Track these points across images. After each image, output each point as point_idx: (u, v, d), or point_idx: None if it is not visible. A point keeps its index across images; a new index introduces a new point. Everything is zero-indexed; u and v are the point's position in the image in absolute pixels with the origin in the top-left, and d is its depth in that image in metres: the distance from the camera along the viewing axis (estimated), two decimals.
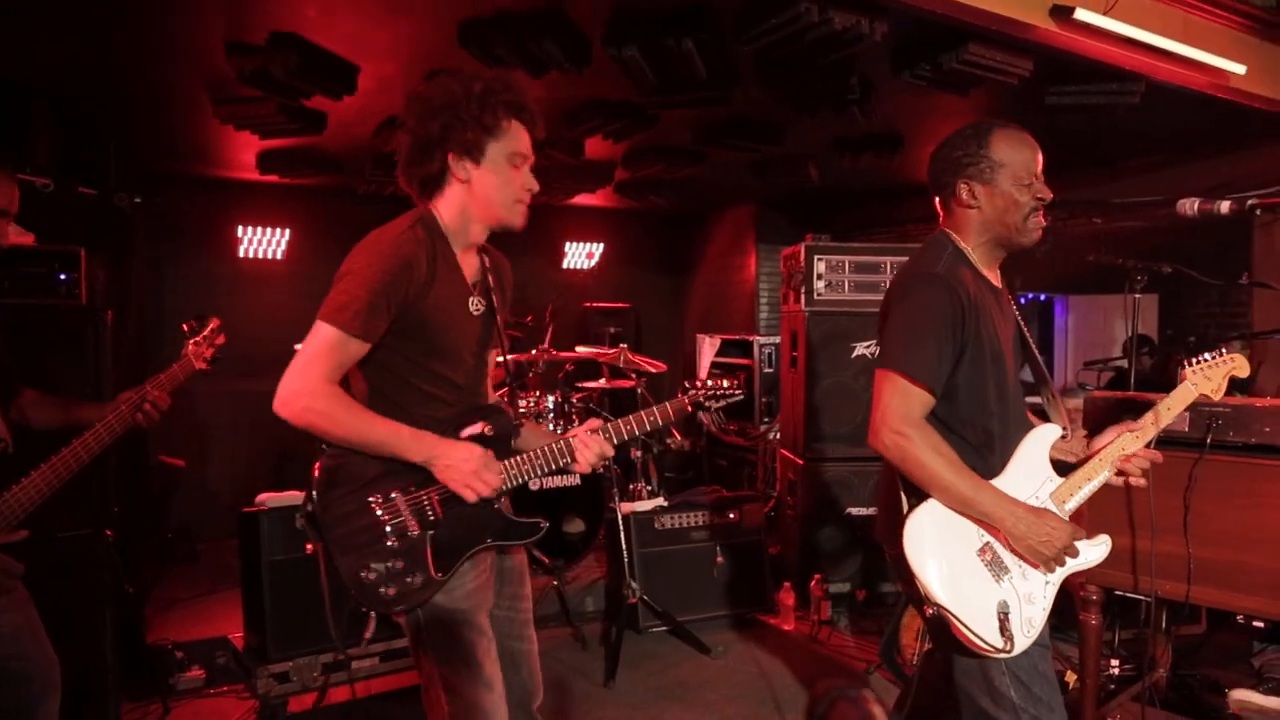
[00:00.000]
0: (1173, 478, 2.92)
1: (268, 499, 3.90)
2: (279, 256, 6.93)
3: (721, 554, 4.88)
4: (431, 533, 2.01)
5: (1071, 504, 2.15)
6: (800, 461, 5.12)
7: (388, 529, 1.98)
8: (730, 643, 4.57)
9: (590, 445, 2.14)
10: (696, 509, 4.91)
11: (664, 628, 4.59)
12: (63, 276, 3.34)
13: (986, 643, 1.98)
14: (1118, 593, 3.23)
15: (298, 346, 6.02)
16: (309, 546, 2.00)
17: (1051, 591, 2.10)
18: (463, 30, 3.52)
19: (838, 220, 7.90)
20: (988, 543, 2.05)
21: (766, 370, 7.02)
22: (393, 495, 1.99)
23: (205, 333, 2.75)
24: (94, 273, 3.45)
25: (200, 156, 5.89)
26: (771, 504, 5.96)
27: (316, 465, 2.00)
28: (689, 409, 2.28)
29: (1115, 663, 3.87)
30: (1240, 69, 4.25)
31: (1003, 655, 1.99)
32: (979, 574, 2.03)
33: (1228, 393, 2.32)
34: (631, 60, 3.61)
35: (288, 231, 6.88)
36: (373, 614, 2.10)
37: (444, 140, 2.02)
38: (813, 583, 4.79)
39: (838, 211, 8.07)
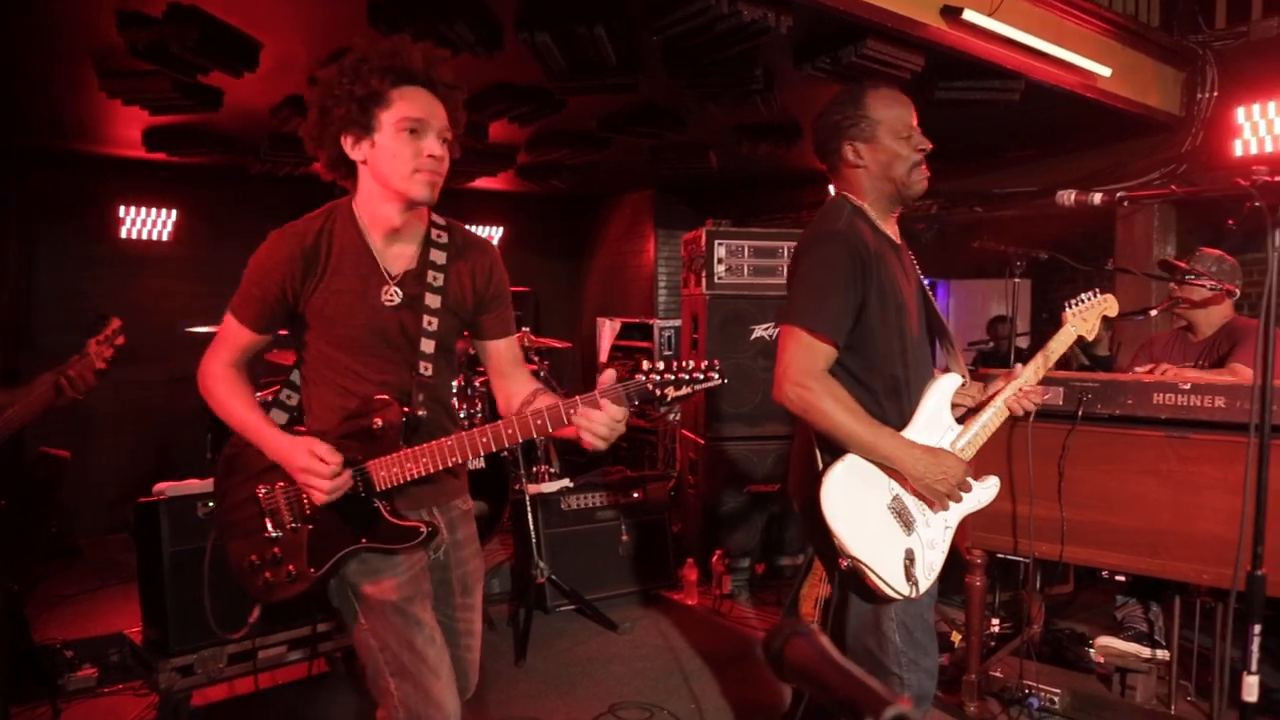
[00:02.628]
0: (1048, 448, 3.18)
1: (166, 488, 3.78)
2: (164, 238, 6.63)
3: (627, 532, 4.98)
4: (310, 527, 2.00)
5: (966, 442, 2.27)
6: (701, 441, 5.27)
7: (267, 518, 2.02)
8: (637, 618, 4.68)
9: (598, 418, 1.79)
10: (601, 489, 5.00)
11: (572, 606, 4.67)
12: None
13: (894, 589, 2.11)
14: (999, 555, 3.49)
15: (194, 329, 5.78)
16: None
17: (949, 536, 2.25)
18: (372, 9, 3.46)
19: (734, 205, 8.07)
20: (896, 495, 2.17)
21: (666, 353, 7.15)
22: (278, 485, 2.02)
23: (107, 333, 2.72)
24: None
25: (80, 132, 5.58)
26: (673, 483, 6.10)
27: (222, 453, 2.08)
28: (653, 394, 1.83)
29: (995, 622, 4.16)
30: (1106, 71, 4.59)
31: (907, 598, 2.14)
32: (889, 526, 2.16)
33: (1090, 368, 2.53)
34: (544, 45, 3.63)
35: (174, 212, 6.59)
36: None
37: (327, 123, 1.93)
38: (714, 558, 4.94)
39: (734, 196, 8.24)
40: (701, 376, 1.80)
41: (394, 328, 2.03)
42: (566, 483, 4.97)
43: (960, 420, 2.33)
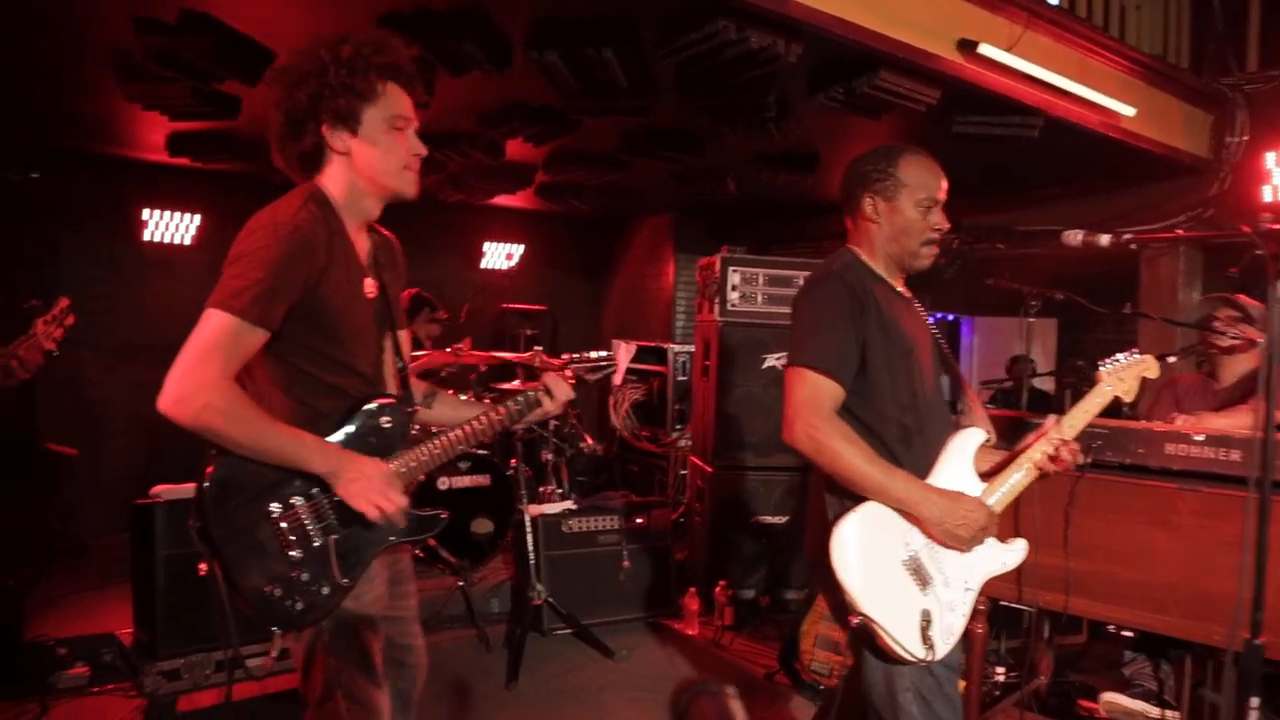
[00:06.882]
0: (1056, 494, 3.06)
1: (163, 490, 3.79)
2: (188, 242, 6.70)
3: (628, 558, 4.91)
4: (335, 538, 1.88)
5: (995, 501, 2.14)
6: (709, 469, 5.19)
7: (291, 539, 1.84)
8: (634, 646, 4.60)
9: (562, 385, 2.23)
10: (604, 513, 4.93)
11: (568, 630, 4.60)
12: None
13: (910, 652, 1.97)
14: (1003, 604, 3.38)
15: None
16: (202, 567, 1.81)
17: (971, 599, 2.11)
18: (382, 24, 3.47)
19: (754, 232, 8.03)
20: (914, 550, 2.05)
21: (680, 378, 7.07)
22: (293, 502, 1.86)
23: (54, 312, 2.68)
24: None
25: (103, 135, 5.65)
26: (682, 510, 6.02)
27: (207, 472, 1.80)
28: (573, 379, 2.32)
29: (1001, 670, 4.03)
30: (1130, 111, 4.50)
31: (924, 662, 2.00)
32: (904, 583, 2.02)
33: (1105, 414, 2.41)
34: (553, 65, 3.62)
35: (198, 217, 6.65)
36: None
37: (314, 111, 1.89)
38: (717, 588, 4.86)
39: (755, 224, 8.20)
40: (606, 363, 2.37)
41: (373, 319, 2.03)
42: (570, 505, 4.92)
43: (985, 478, 2.20)
